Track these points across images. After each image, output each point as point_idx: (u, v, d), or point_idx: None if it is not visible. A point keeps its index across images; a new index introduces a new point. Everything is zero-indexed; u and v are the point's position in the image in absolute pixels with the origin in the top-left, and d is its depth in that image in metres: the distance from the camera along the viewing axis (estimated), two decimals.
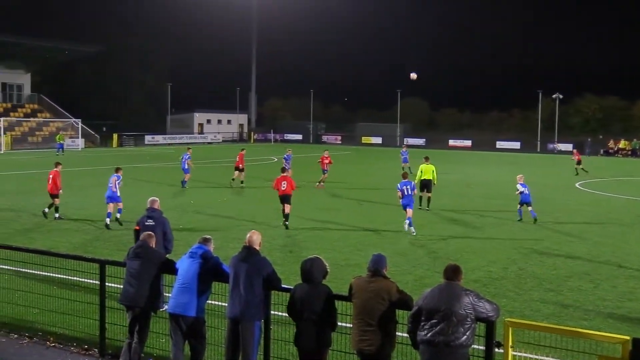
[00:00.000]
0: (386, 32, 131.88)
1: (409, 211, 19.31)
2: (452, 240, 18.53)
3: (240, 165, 32.38)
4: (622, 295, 12.84)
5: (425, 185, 25.15)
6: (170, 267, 9.01)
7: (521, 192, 22.39)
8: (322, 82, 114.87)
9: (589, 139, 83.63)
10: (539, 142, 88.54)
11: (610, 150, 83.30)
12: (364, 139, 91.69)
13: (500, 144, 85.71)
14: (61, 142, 58.67)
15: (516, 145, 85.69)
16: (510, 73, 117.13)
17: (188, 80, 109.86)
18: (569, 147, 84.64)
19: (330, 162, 33.96)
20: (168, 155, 56.69)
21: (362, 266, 13.71)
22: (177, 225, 20.13)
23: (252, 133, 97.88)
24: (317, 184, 32.51)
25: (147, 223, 11.89)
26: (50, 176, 21.71)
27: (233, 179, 32.49)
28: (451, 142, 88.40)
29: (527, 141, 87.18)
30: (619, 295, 12.88)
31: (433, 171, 25.45)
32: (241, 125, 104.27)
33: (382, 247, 16.89)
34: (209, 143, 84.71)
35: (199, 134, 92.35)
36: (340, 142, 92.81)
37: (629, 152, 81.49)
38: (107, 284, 9.55)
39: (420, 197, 24.78)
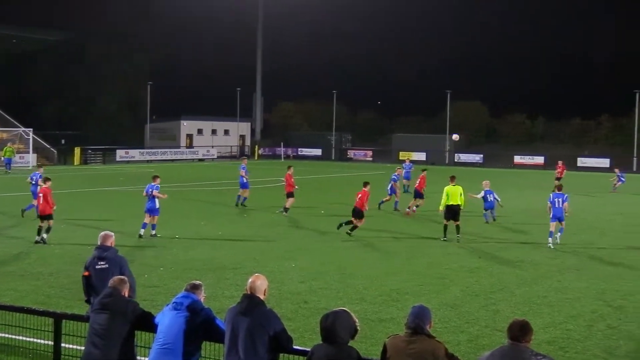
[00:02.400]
0: (430, 16, 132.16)
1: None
2: (517, 289, 18.42)
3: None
4: None
5: (454, 211, 26.23)
6: (147, 323, 8.99)
7: (484, 198, 30.55)
8: (348, 81, 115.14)
9: None
10: (635, 159, 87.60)
11: None
12: (402, 155, 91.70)
13: (583, 161, 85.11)
14: (9, 157, 59.04)
15: (604, 162, 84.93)
16: (598, 68, 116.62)
17: (174, 78, 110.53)
18: None
19: (423, 185, 35.03)
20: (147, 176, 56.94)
21: (398, 321, 13.69)
22: (156, 267, 20.22)
23: (257, 146, 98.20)
24: (408, 209, 34.19)
25: (98, 266, 11.78)
26: (41, 195, 24.45)
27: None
28: (517, 159, 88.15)
29: (619, 157, 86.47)
30: None
31: (461, 194, 26.66)
32: (242, 137, 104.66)
33: (425, 296, 16.81)
34: (199, 160, 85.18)
35: (187, 147, 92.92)
36: (371, 158, 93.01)
37: None
38: (63, 344, 9.55)
39: (445, 226, 26.16)
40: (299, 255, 22.74)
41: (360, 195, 26.93)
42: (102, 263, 11.77)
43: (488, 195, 31.45)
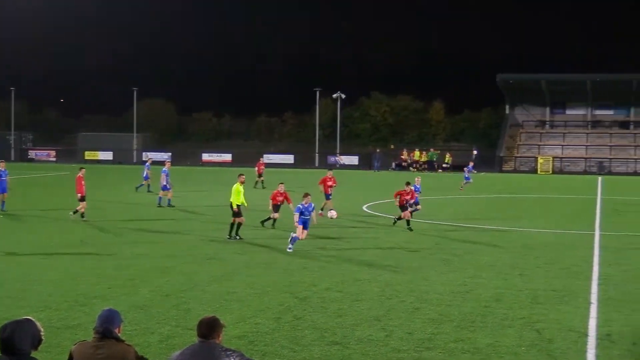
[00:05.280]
0: (114, 15, 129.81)
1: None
2: (208, 287, 18.70)
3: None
4: (419, 344, 13.80)
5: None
6: None
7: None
8: (30, 78, 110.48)
9: (378, 150, 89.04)
10: (317, 155, 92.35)
11: (403, 163, 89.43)
12: (88, 154, 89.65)
13: (269, 158, 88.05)
14: None
15: (289, 159, 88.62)
16: (283, 67, 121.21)
17: None
18: (354, 160, 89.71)
19: (334, 184, 35.86)
20: None
21: (87, 327, 13.38)
22: None
23: None
24: (320, 211, 32.91)
25: None
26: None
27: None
28: (205, 157, 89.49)
29: (302, 153, 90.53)
30: (415, 344, 13.83)
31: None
32: None
33: (114, 299, 16.59)
34: None
35: None
36: (55, 158, 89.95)
37: (425, 165, 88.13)
38: None
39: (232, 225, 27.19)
40: None
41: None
42: None
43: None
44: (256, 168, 53.63)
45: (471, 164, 59.95)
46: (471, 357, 13.05)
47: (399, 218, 30.62)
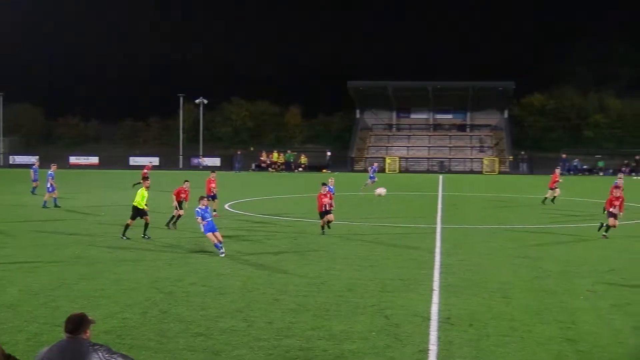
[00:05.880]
0: None
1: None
2: (76, 285, 18.23)
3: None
4: (278, 332, 13.90)
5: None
6: None
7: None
8: None
9: (239, 152, 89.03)
10: (181, 157, 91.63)
11: (262, 165, 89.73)
12: None
13: (135, 161, 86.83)
14: None
15: (154, 161, 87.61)
16: (147, 74, 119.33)
17: None
18: (216, 161, 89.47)
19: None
20: None
21: None
22: None
23: None
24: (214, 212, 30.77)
25: None
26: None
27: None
28: (73, 160, 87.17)
29: (166, 156, 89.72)
30: (275, 332, 13.92)
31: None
32: None
33: None
34: None
35: None
36: None
37: (283, 166, 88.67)
38: None
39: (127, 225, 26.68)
40: None
41: None
42: None
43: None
44: (144, 171, 52.63)
45: (375, 164, 61.41)
46: (326, 343, 13.23)
47: (326, 224, 28.37)
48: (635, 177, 79.38)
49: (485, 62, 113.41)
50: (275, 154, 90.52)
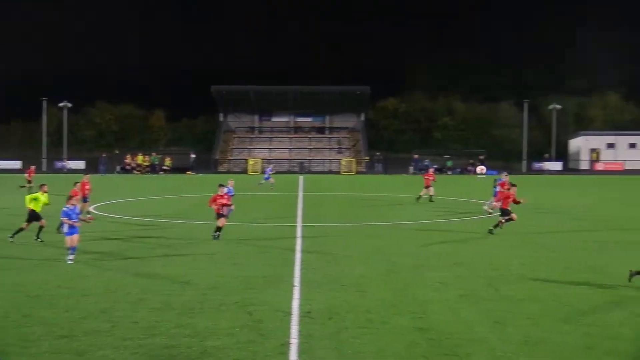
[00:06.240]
0: None
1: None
2: None
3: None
4: (143, 332, 13.58)
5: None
6: None
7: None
8: None
9: (104, 155, 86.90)
10: (45, 160, 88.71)
11: (127, 167, 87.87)
12: None
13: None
14: None
15: (16, 164, 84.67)
16: (9, 76, 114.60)
17: None
18: (81, 164, 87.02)
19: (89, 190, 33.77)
20: None
21: None
22: None
23: None
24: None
25: None
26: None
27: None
28: None
29: (30, 159, 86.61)
30: (140, 332, 13.59)
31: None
32: None
33: None
34: None
35: None
36: None
37: (148, 168, 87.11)
38: None
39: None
40: None
41: None
42: None
43: None
44: (27, 174, 50.41)
45: (270, 166, 63.53)
46: (191, 340, 13.04)
47: (219, 229, 26.61)
48: (480, 178, 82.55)
49: (344, 67, 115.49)
50: (140, 157, 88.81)
